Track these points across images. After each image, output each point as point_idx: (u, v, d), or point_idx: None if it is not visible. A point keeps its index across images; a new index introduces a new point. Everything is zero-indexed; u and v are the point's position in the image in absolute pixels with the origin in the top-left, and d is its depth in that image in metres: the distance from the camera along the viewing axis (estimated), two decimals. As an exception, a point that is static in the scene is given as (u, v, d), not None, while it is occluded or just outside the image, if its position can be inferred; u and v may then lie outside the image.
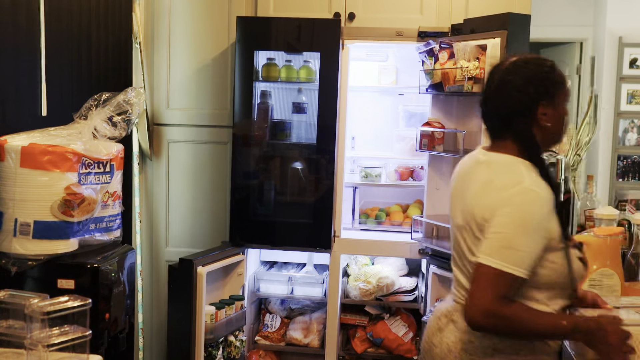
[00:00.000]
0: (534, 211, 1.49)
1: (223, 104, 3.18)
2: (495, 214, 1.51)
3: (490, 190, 1.55)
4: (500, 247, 1.48)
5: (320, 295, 3.16)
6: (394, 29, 2.97)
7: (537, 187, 1.51)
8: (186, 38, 3.18)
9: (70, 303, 1.71)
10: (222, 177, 3.20)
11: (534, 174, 1.55)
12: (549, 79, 1.58)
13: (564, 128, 1.61)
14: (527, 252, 1.47)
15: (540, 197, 1.50)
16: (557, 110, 1.59)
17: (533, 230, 1.48)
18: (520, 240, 1.47)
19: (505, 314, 1.45)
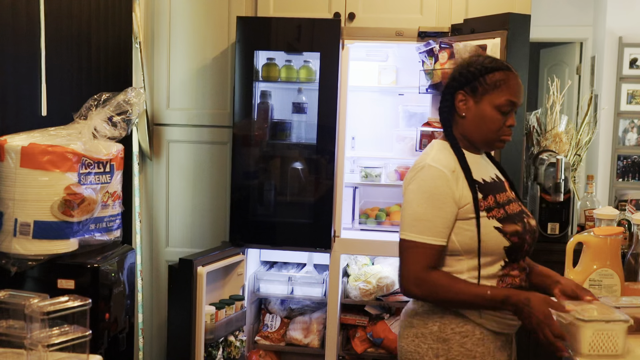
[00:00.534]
0: (434, 184, 1.63)
1: (223, 104, 3.18)
2: (405, 193, 1.69)
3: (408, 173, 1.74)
4: (412, 220, 1.63)
5: (320, 295, 3.16)
6: (394, 29, 2.97)
7: (437, 163, 1.65)
8: (186, 38, 3.18)
9: (70, 303, 1.71)
10: (222, 177, 3.20)
11: (444, 153, 1.68)
12: (476, 74, 1.66)
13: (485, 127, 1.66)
14: (435, 222, 1.60)
15: (439, 172, 1.63)
16: (479, 106, 1.66)
17: (437, 200, 1.61)
18: (427, 211, 1.61)
19: (429, 280, 1.59)
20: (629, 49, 4.43)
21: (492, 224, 1.63)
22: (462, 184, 1.64)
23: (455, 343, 1.64)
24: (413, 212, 1.63)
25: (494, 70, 1.65)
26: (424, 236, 1.60)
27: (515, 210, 1.70)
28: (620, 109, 4.47)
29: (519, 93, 1.67)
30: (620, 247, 2.12)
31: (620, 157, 4.49)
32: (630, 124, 4.49)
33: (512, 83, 1.65)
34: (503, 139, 1.68)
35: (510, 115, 1.67)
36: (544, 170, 2.93)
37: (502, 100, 1.64)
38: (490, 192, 1.67)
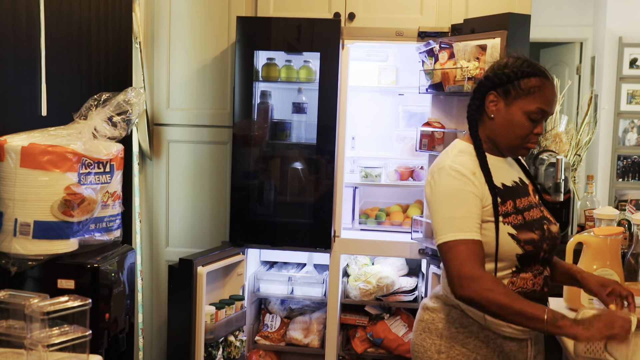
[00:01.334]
0: (457, 184, 1.58)
1: (223, 104, 3.18)
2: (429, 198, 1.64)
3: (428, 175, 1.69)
4: (444, 222, 1.57)
5: (320, 295, 3.16)
6: (394, 29, 2.97)
7: (457, 163, 1.61)
8: (186, 38, 3.18)
9: (70, 303, 1.71)
10: (222, 177, 3.20)
11: (464, 156, 1.64)
12: (511, 77, 1.61)
13: (512, 132, 1.62)
14: (465, 217, 1.55)
15: (456, 170, 1.59)
16: (509, 109, 1.62)
17: (464, 198, 1.57)
18: (458, 210, 1.56)
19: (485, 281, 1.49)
20: (629, 49, 4.44)
21: (507, 230, 1.59)
22: (483, 185, 1.61)
23: (458, 342, 1.64)
24: (443, 214, 1.58)
25: (530, 75, 1.60)
26: (465, 233, 1.54)
27: (535, 216, 1.66)
28: (620, 109, 4.47)
29: (552, 102, 1.62)
30: (620, 247, 2.12)
31: (620, 157, 4.50)
32: (630, 124, 4.49)
33: (547, 91, 1.60)
34: (528, 146, 1.64)
35: (540, 123, 1.62)
36: (544, 170, 2.93)
37: (534, 107, 1.59)
38: (509, 197, 1.64)
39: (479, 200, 1.58)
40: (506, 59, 1.68)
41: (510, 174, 1.70)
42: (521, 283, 1.62)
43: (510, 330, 1.64)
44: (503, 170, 1.69)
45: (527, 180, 1.76)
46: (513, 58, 1.66)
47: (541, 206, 1.73)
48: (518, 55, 1.67)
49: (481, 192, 1.59)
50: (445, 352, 1.65)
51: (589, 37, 4.78)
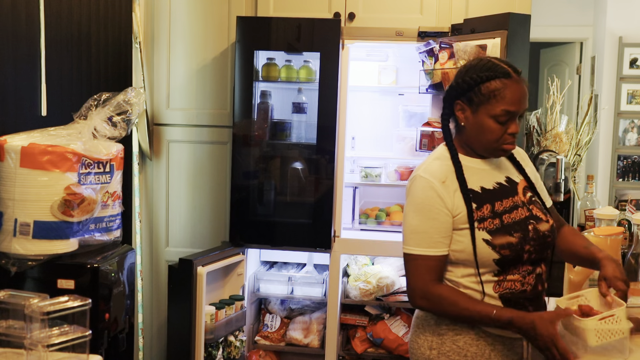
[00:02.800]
0: (425, 196, 1.62)
1: (223, 104, 3.18)
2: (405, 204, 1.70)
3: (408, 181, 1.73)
4: (409, 233, 1.65)
5: (320, 295, 3.16)
6: (394, 29, 2.97)
7: (428, 173, 1.65)
8: (186, 38, 3.18)
9: (70, 303, 1.71)
10: (222, 177, 3.20)
11: (439, 162, 1.68)
12: (471, 84, 1.61)
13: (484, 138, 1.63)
14: (430, 232, 1.61)
15: (428, 183, 1.63)
16: (476, 116, 1.63)
17: (429, 212, 1.61)
18: (422, 223, 1.62)
19: (435, 293, 1.61)
20: (629, 49, 4.44)
21: (481, 235, 1.60)
22: (454, 194, 1.62)
23: (448, 339, 1.67)
24: (409, 225, 1.65)
25: (489, 79, 1.59)
26: (422, 248, 1.62)
27: (517, 217, 1.65)
28: (620, 109, 4.47)
29: (517, 101, 1.60)
30: (621, 247, 2.12)
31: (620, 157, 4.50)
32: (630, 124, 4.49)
33: (509, 91, 1.58)
34: (504, 147, 1.64)
35: (511, 123, 1.61)
36: (544, 170, 2.93)
37: (498, 110, 1.59)
38: (487, 201, 1.64)
39: (444, 214, 1.61)
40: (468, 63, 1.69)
41: (493, 176, 1.69)
42: (508, 285, 1.63)
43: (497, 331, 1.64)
44: (485, 172, 1.69)
45: (518, 178, 1.74)
46: (475, 61, 1.67)
47: (531, 204, 1.70)
48: (480, 58, 1.68)
49: (450, 203, 1.61)
50: (436, 348, 1.68)
51: (589, 37, 4.78)
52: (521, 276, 1.64)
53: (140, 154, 3.14)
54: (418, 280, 1.63)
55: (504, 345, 1.67)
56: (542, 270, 1.70)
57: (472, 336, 1.65)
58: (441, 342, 1.67)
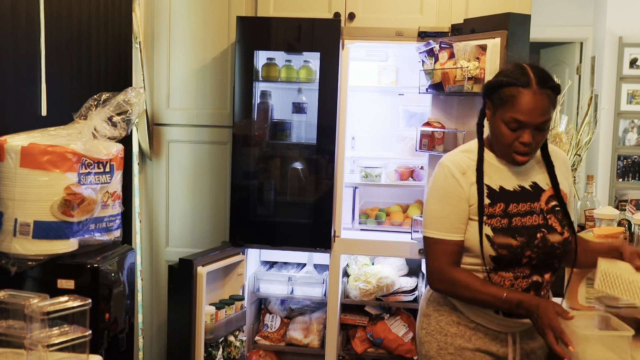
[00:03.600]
0: (447, 183, 1.71)
1: (223, 104, 3.18)
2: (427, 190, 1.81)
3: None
4: (430, 218, 1.73)
5: (320, 295, 3.16)
6: (394, 29, 2.97)
7: (451, 162, 1.72)
8: (186, 38, 3.18)
9: (70, 303, 1.71)
10: (222, 177, 3.20)
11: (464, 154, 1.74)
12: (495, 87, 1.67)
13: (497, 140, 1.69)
14: (451, 218, 1.69)
15: (448, 169, 1.71)
16: (494, 117, 1.69)
17: (450, 198, 1.70)
18: (443, 209, 1.71)
19: (450, 276, 1.69)
20: (629, 49, 4.44)
21: (486, 231, 1.67)
22: (471, 186, 1.70)
23: (433, 319, 1.80)
24: (431, 210, 1.73)
25: (509, 84, 1.63)
26: (442, 232, 1.70)
27: (528, 223, 1.69)
28: (620, 109, 4.47)
29: (528, 111, 1.60)
30: (620, 247, 2.12)
31: (620, 157, 4.50)
32: (631, 124, 4.49)
33: (522, 101, 1.60)
34: (514, 156, 1.67)
35: (523, 132, 1.63)
36: (544, 170, 2.93)
37: (507, 116, 1.63)
38: (502, 200, 1.69)
39: (463, 201, 1.69)
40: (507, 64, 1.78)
41: (517, 178, 1.73)
42: (498, 279, 1.70)
43: (480, 320, 1.74)
44: (509, 173, 1.73)
45: (547, 186, 1.75)
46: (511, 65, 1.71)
47: (550, 214, 1.72)
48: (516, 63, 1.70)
49: (467, 193, 1.69)
50: (425, 327, 1.82)
51: (589, 37, 4.78)
52: (513, 276, 1.69)
53: (140, 154, 3.14)
54: (436, 264, 1.71)
55: (486, 334, 1.75)
56: (543, 279, 1.72)
57: (453, 319, 1.76)
58: (428, 322, 1.81)
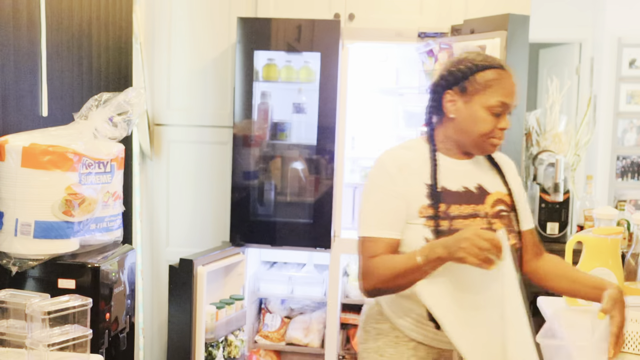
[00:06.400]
0: (374, 178, 1.59)
1: (223, 104, 3.18)
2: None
3: None
4: (359, 215, 1.59)
5: (320, 295, 3.17)
6: (394, 30, 2.97)
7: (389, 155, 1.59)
8: (186, 38, 3.18)
9: (70, 303, 1.72)
10: (222, 177, 3.20)
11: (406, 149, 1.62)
12: (466, 72, 1.55)
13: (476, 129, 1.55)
14: (373, 214, 1.55)
15: (383, 167, 1.57)
16: (469, 106, 1.55)
17: (375, 194, 1.56)
18: (366, 204, 1.58)
19: (371, 267, 1.51)
20: (628, 50, 4.44)
21: (424, 233, 1.52)
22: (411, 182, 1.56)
23: (371, 337, 1.68)
24: (360, 207, 1.60)
25: (485, 68, 1.54)
26: (363, 229, 1.56)
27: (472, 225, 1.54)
28: (619, 109, 4.48)
29: (512, 94, 1.54)
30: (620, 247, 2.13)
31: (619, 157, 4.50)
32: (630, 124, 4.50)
33: (505, 83, 1.53)
34: (493, 142, 1.57)
35: (503, 117, 1.55)
36: (543, 170, 2.93)
37: (494, 101, 1.52)
38: (443, 201, 1.55)
39: (398, 199, 1.54)
40: (459, 55, 1.62)
41: (462, 179, 1.61)
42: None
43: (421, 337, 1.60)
44: (454, 173, 1.61)
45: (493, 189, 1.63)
46: (465, 54, 1.61)
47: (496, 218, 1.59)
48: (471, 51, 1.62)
49: (404, 192, 1.54)
50: (363, 343, 1.71)
51: (588, 37, 4.78)
52: None
53: (141, 154, 3.14)
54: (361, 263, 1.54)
55: (428, 353, 1.62)
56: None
57: (391, 338, 1.64)
58: (366, 339, 1.70)
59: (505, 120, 1.56)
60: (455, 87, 1.57)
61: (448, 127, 1.61)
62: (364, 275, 1.53)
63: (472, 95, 1.55)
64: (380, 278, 1.50)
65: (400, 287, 1.51)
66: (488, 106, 1.54)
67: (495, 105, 1.53)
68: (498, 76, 1.54)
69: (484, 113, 1.54)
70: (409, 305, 1.60)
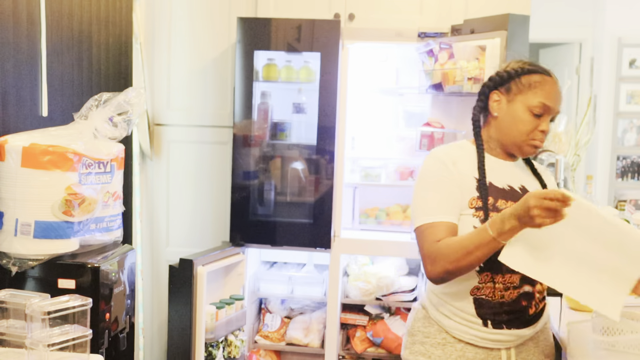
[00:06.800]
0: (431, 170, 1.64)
1: (223, 104, 3.18)
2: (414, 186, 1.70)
3: None
4: (416, 210, 1.64)
5: (320, 295, 3.17)
6: (394, 30, 2.97)
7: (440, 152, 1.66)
8: (186, 38, 3.18)
9: (70, 303, 1.72)
10: (222, 177, 3.20)
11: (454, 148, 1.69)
12: (512, 74, 1.64)
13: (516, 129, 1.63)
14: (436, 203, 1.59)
15: (436, 159, 1.64)
16: (511, 105, 1.64)
17: (432, 183, 1.62)
18: (426, 196, 1.62)
19: (437, 251, 1.54)
20: (628, 50, 4.45)
21: (473, 222, 1.58)
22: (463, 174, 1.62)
23: (418, 340, 1.70)
24: (420, 200, 1.64)
25: (531, 72, 1.63)
26: (432, 216, 1.58)
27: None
28: (619, 109, 4.48)
29: (555, 99, 1.62)
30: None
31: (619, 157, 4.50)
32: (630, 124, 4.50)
33: (549, 87, 1.62)
34: (533, 144, 1.63)
35: (544, 120, 1.62)
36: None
37: (536, 101, 1.60)
38: (491, 195, 1.62)
39: (453, 185, 1.60)
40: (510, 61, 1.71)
41: (507, 178, 1.68)
42: (488, 292, 1.60)
43: (468, 336, 1.62)
44: (500, 171, 1.68)
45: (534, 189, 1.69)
46: (515, 59, 1.69)
47: None
48: (520, 57, 1.70)
49: (459, 181, 1.61)
50: (408, 347, 1.72)
51: (589, 37, 4.78)
52: (504, 287, 1.60)
53: (141, 154, 3.14)
54: (425, 249, 1.57)
55: (476, 354, 1.63)
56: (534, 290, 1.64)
57: (439, 341, 1.66)
58: (412, 342, 1.71)
59: (546, 123, 1.63)
60: (501, 87, 1.66)
61: (492, 126, 1.69)
62: (431, 260, 1.55)
63: (516, 94, 1.63)
64: (450, 258, 1.52)
65: (472, 264, 1.52)
66: (529, 106, 1.61)
67: (536, 105, 1.61)
68: (542, 80, 1.63)
69: (524, 113, 1.62)
70: (459, 305, 1.63)
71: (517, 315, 1.62)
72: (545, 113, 1.62)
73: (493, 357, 1.64)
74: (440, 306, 1.67)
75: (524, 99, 1.62)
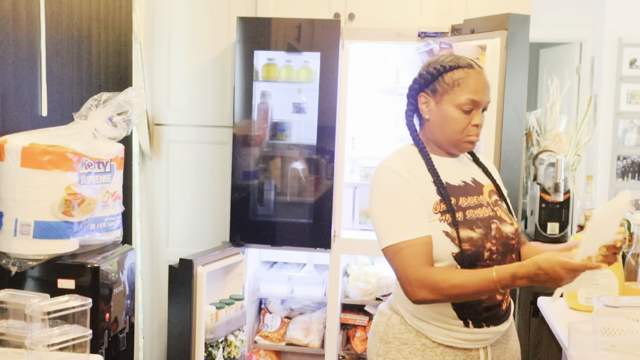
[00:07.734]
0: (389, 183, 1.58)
1: (223, 104, 3.18)
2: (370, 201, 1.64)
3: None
4: (383, 227, 1.57)
5: (320, 295, 3.17)
6: (394, 29, 2.97)
7: (391, 163, 1.61)
8: (186, 38, 3.18)
9: (70, 303, 1.72)
10: (222, 177, 3.20)
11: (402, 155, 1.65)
12: (434, 74, 1.63)
13: (449, 128, 1.61)
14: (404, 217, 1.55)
15: (390, 169, 1.59)
16: (440, 106, 1.62)
17: (397, 197, 1.56)
18: (392, 211, 1.56)
19: (429, 277, 1.49)
20: (628, 49, 4.44)
21: (442, 227, 1.55)
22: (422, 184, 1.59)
23: (394, 347, 1.64)
24: (382, 218, 1.58)
25: (452, 68, 1.60)
26: (404, 233, 1.53)
27: (482, 215, 1.60)
28: (619, 109, 4.47)
29: (481, 91, 1.60)
30: (620, 247, 2.12)
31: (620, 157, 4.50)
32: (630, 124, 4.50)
33: (473, 80, 1.59)
34: (469, 139, 1.62)
35: (475, 115, 1.60)
36: (543, 170, 2.93)
37: (463, 99, 1.58)
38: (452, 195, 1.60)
39: (416, 195, 1.56)
40: (430, 58, 1.70)
41: (458, 174, 1.67)
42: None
43: (448, 339, 1.60)
44: (450, 169, 1.66)
45: (484, 181, 1.71)
46: (437, 56, 1.68)
47: (496, 206, 1.66)
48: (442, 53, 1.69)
49: (418, 189, 1.57)
50: (382, 355, 1.65)
51: (589, 37, 4.78)
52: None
53: (141, 154, 3.14)
54: (409, 271, 1.51)
55: (455, 356, 1.61)
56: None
57: (417, 347, 1.61)
58: (387, 350, 1.65)
59: (478, 116, 1.61)
60: (426, 89, 1.65)
61: (427, 129, 1.67)
62: (419, 286, 1.50)
63: (442, 95, 1.62)
64: (444, 293, 1.48)
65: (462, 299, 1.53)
66: (457, 104, 1.60)
67: (464, 102, 1.59)
68: (465, 75, 1.60)
69: (454, 111, 1.60)
70: (438, 310, 1.59)
71: (494, 312, 1.61)
72: (475, 107, 1.60)
73: (472, 357, 1.62)
74: (417, 312, 1.62)
75: (450, 99, 1.60)
